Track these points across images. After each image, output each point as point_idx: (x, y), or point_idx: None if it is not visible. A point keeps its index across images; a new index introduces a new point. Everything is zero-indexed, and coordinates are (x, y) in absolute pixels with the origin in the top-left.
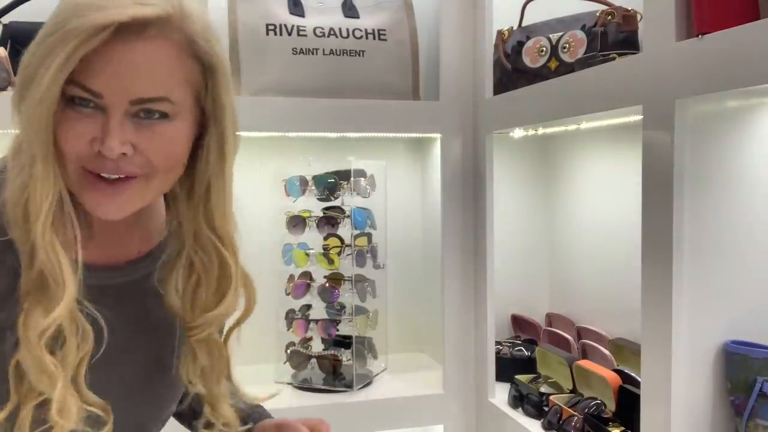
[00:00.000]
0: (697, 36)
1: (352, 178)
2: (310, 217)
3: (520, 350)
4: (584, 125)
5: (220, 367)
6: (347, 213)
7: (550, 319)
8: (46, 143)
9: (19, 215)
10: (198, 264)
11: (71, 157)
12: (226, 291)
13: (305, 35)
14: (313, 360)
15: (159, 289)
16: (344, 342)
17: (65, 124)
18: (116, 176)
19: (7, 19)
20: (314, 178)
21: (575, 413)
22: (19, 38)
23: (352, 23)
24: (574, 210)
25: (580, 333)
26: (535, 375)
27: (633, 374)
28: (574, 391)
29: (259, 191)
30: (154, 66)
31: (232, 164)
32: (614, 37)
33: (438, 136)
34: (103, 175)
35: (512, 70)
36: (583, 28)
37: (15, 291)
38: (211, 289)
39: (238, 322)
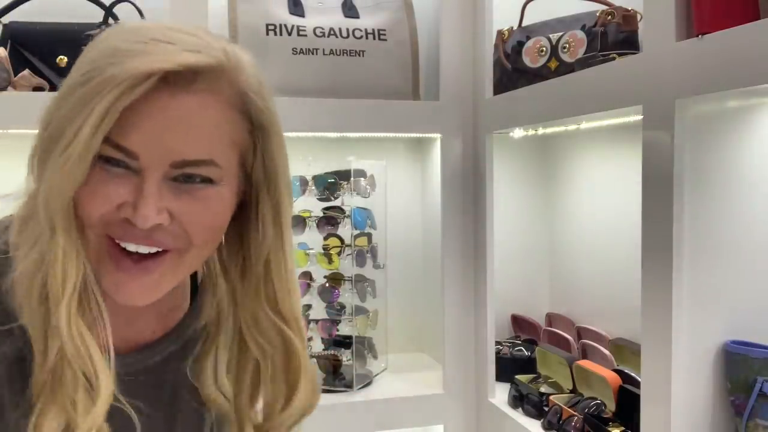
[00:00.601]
0: (697, 36)
1: (352, 178)
2: (310, 217)
3: (520, 350)
4: (584, 125)
5: None
6: (347, 213)
7: (550, 319)
8: (68, 211)
9: (34, 297)
10: (256, 350)
11: (93, 223)
12: (297, 382)
13: (305, 35)
14: (313, 360)
15: (186, 378)
16: (344, 342)
17: (91, 184)
18: (146, 250)
19: (7, 19)
20: (314, 178)
21: (575, 413)
22: (19, 38)
23: (352, 23)
24: (574, 210)
25: (580, 333)
26: (535, 375)
27: (633, 374)
28: (574, 391)
29: None
30: (201, 124)
31: (291, 235)
32: (614, 37)
33: (438, 136)
34: (129, 249)
35: (512, 70)
36: (583, 28)
37: (13, 387)
38: (278, 380)
39: (295, 422)
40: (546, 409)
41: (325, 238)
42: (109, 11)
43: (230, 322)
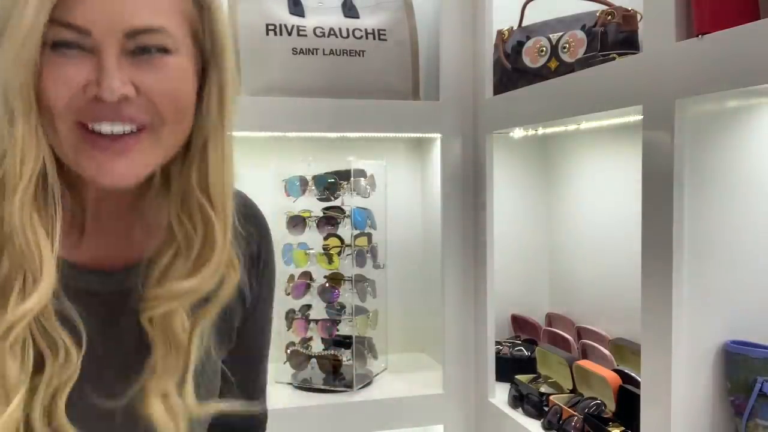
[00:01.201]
0: (697, 36)
1: (352, 178)
2: (310, 217)
3: (520, 350)
4: (584, 125)
5: (172, 365)
6: (347, 213)
7: (550, 319)
8: (28, 98)
9: None
10: (180, 234)
11: (62, 111)
12: (205, 263)
13: (305, 35)
14: (313, 360)
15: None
16: (344, 342)
17: (50, 72)
18: (120, 129)
19: None
20: (314, 178)
21: (575, 413)
22: None
23: (352, 23)
24: (574, 210)
25: (580, 333)
26: (535, 375)
27: (633, 374)
28: (574, 391)
29: (259, 191)
30: None
31: (232, 119)
32: (614, 37)
33: (438, 136)
34: (103, 131)
35: (512, 70)
36: (583, 28)
37: None
38: (189, 260)
39: (208, 312)
40: (546, 409)
41: (325, 238)
42: None
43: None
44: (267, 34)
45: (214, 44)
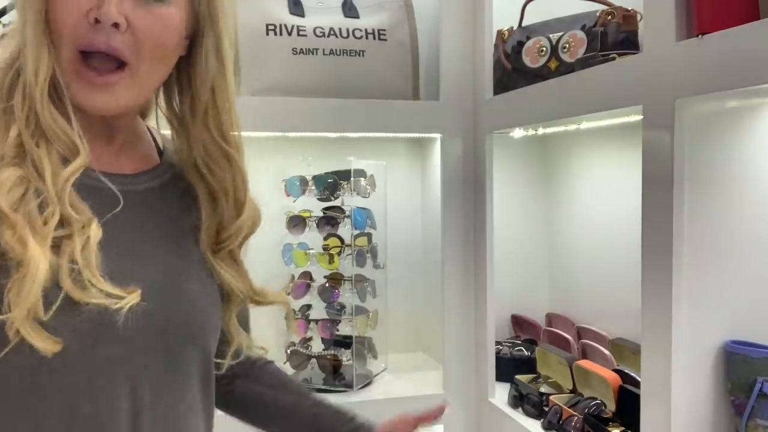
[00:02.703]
0: (697, 36)
1: (352, 178)
2: (310, 217)
3: (520, 350)
4: (584, 125)
5: (246, 284)
6: (347, 213)
7: (550, 319)
8: (40, 18)
9: (4, 91)
10: (209, 177)
11: (66, 35)
12: (243, 197)
13: (305, 35)
14: (313, 360)
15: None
16: (344, 342)
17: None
18: (107, 65)
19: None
20: (314, 178)
21: (575, 413)
22: None
23: (352, 23)
24: (574, 210)
25: (580, 333)
26: (535, 375)
27: (633, 374)
28: (574, 391)
29: (259, 191)
30: None
31: (231, 67)
32: (614, 37)
33: (438, 136)
34: (93, 64)
35: (512, 71)
36: (583, 28)
37: None
38: (230, 198)
39: (246, 236)
40: (546, 409)
41: (325, 238)
42: None
43: (189, 160)
44: (267, 34)
45: (212, 6)
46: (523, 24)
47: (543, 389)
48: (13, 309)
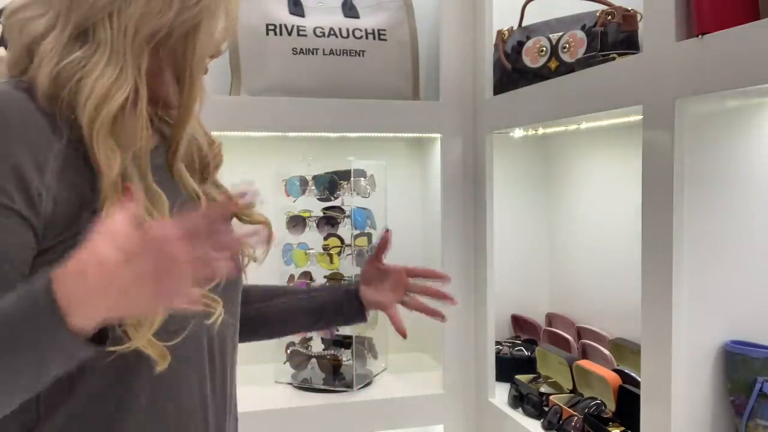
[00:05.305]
0: (697, 36)
1: (352, 178)
2: (310, 217)
3: (520, 350)
4: (584, 125)
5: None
6: (347, 213)
7: (550, 319)
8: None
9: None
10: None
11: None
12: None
13: (305, 35)
14: (313, 360)
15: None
16: (344, 342)
17: None
18: None
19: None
20: (314, 178)
21: (575, 413)
22: None
23: (352, 23)
24: (574, 210)
25: (580, 333)
26: (535, 375)
27: (633, 374)
28: (574, 391)
29: (259, 191)
30: None
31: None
32: (614, 37)
33: (438, 136)
34: None
35: (512, 70)
36: (583, 28)
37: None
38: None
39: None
40: (546, 409)
41: (325, 238)
42: None
43: None
44: (267, 34)
45: None
46: (523, 24)
47: (543, 389)
48: (133, 335)
